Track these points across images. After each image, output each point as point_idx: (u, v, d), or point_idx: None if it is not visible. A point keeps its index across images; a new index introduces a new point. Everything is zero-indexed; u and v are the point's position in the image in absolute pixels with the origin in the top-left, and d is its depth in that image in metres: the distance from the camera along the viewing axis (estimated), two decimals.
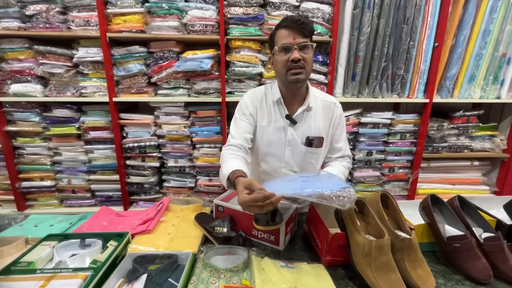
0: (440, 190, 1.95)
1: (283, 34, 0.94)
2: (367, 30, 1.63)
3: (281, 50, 0.95)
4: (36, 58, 1.58)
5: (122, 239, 0.85)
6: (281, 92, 1.05)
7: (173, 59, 1.61)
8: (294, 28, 0.92)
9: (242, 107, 1.08)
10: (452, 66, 1.75)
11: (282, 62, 0.95)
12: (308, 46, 0.94)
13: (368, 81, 1.74)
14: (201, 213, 1.02)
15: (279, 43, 0.95)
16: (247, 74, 1.65)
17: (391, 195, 0.84)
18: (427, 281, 0.69)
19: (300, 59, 0.92)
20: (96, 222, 1.02)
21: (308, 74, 0.99)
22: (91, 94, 1.64)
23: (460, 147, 1.89)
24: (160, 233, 0.91)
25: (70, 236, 0.87)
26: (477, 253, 0.75)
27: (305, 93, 1.06)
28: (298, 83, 0.98)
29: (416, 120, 1.83)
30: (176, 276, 0.72)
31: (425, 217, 0.88)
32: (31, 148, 1.69)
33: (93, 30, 1.54)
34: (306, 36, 0.94)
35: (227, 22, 1.58)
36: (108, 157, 1.74)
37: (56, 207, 1.81)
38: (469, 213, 0.89)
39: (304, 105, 1.04)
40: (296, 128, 1.05)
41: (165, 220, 0.99)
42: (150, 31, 1.56)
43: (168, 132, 1.71)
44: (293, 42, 0.92)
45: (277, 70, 1.00)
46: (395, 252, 0.73)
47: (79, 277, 0.68)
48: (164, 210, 1.05)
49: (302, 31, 0.92)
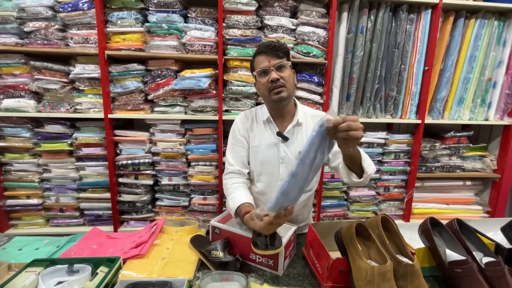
0: (434, 210, 1.95)
1: (260, 59, 1.01)
2: (361, 53, 1.69)
3: (260, 74, 1.01)
4: (32, 74, 1.57)
5: (113, 265, 0.80)
6: (270, 112, 1.08)
7: (171, 77, 1.62)
8: (268, 52, 0.99)
9: (235, 132, 1.13)
10: (442, 88, 1.81)
11: (264, 85, 1.01)
12: (284, 65, 1.00)
13: (362, 101, 1.79)
14: (197, 236, 0.99)
15: (257, 68, 1.02)
16: (244, 93, 1.66)
17: (391, 218, 0.83)
18: None
19: (278, 78, 0.98)
20: (85, 245, 0.97)
21: (290, 91, 1.03)
22: (86, 110, 1.62)
23: (453, 167, 1.92)
24: (153, 258, 0.87)
25: (57, 261, 0.82)
26: (479, 279, 0.74)
27: (294, 110, 1.10)
28: (282, 101, 1.02)
29: (409, 140, 1.87)
30: None
31: (425, 241, 0.87)
32: (19, 165, 1.63)
33: (91, 47, 1.54)
34: (281, 57, 1.00)
35: (225, 43, 1.62)
36: (100, 174, 1.69)
37: (42, 227, 1.72)
38: (468, 237, 0.89)
39: (294, 121, 1.07)
40: (288, 144, 1.08)
41: (159, 243, 0.95)
42: (149, 50, 1.58)
43: (163, 149, 1.69)
44: (269, 65, 0.99)
45: (261, 94, 1.06)
46: (398, 279, 0.71)
47: None
48: (158, 232, 1.01)
49: (276, 53, 0.99)
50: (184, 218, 1.74)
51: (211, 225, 0.98)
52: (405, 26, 1.70)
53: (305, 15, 1.63)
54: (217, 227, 0.96)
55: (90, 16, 1.52)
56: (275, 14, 1.62)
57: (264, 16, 1.62)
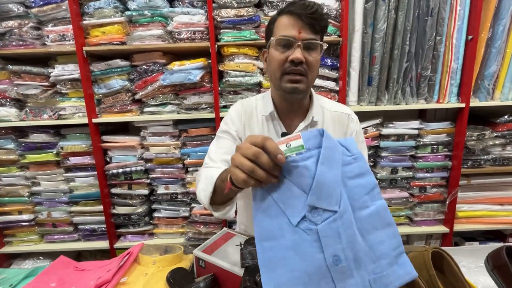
0: (485, 212, 1.60)
1: (285, 22, 0.69)
2: (383, 26, 1.38)
3: (279, 44, 0.70)
4: (11, 79, 1.44)
5: None
6: (275, 104, 0.80)
7: (159, 71, 1.42)
8: (301, 17, 0.67)
9: (227, 123, 0.84)
10: (491, 62, 1.45)
11: (279, 61, 0.70)
12: (317, 46, 0.70)
13: (387, 85, 1.47)
14: (177, 270, 0.76)
15: (279, 33, 0.70)
16: (244, 84, 1.42)
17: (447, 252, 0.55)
18: None
19: (302, 61, 0.68)
20: (44, 282, 0.78)
21: (310, 83, 0.74)
22: (70, 116, 1.47)
23: (507, 159, 1.55)
24: None
25: None
26: None
27: (308, 104, 0.81)
28: (295, 94, 0.73)
29: (449, 129, 1.52)
30: None
31: (500, 282, 0.58)
32: (6, 179, 1.52)
33: (69, 45, 1.38)
34: (317, 32, 0.70)
35: (217, 27, 1.38)
36: (91, 185, 1.53)
37: (37, 243, 1.61)
38: None
39: (307, 120, 0.79)
40: None
41: (127, 281, 0.74)
42: (132, 42, 1.38)
43: (157, 155, 1.49)
44: (297, 36, 0.68)
45: (270, 71, 0.76)
46: None
47: None
48: (130, 264, 0.80)
49: (312, 24, 0.68)
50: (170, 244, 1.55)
51: (194, 255, 0.75)
52: None
53: None
54: (202, 259, 0.73)
55: (65, 10, 1.34)
56: None
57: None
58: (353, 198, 0.41)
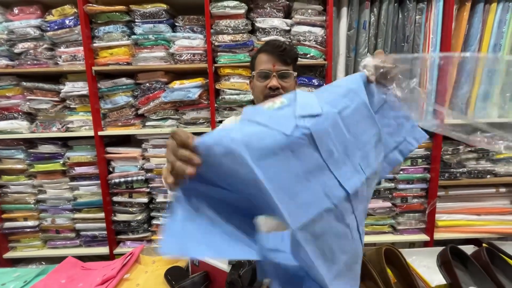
0: (463, 222, 1.71)
1: (263, 59, 0.87)
2: (365, 50, 1.53)
3: (260, 76, 0.87)
4: (24, 95, 1.56)
5: None
6: None
7: (160, 89, 1.55)
8: (274, 54, 0.85)
9: None
10: (462, 84, 1.60)
11: (260, 89, 0.87)
12: (289, 74, 0.86)
13: None
14: (174, 268, 0.87)
15: (258, 68, 0.88)
16: (238, 101, 1.55)
17: (398, 249, 0.66)
18: None
19: (278, 87, 0.84)
20: (54, 279, 0.88)
21: None
22: (77, 129, 1.59)
23: (482, 172, 1.68)
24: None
25: None
26: None
27: None
28: None
29: (427, 144, 1.65)
30: None
31: (446, 276, 0.69)
32: (15, 187, 1.62)
33: (79, 64, 1.51)
34: (288, 64, 0.86)
35: (215, 50, 1.53)
36: (94, 193, 1.63)
37: (40, 249, 1.69)
38: (502, 269, 0.70)
39: None
40: None
41: (130, 277, 0.85)
42: (137, 63, 1.52)
43: (157, 165, 1.60)
44: (272, 69, 0.85)
45: (255, 96, 0.93)
46: None
47: None
48: (132, 263, 0.91)
49: (283, 58, 0.85)
50: None
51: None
52: (413, 17, 1.52)
53: (300, 14, 1.51)
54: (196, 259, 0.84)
55: (77, 33, 1.49)
56: (266, 16, 1.51)
57: (255, 18, 1.52)
58: (334, 104, 0.47)
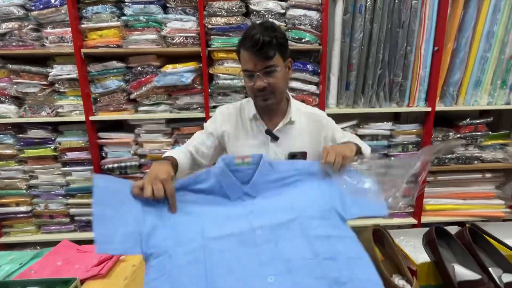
0: (449, 206, 1.77)
1: (244, 57, 0.83)
2: (360, 36, 1.52)
3: (245, 75, 0.85)
4: (10, 78, 1.51)
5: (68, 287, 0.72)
6: (257, 108, 0.94)
7: (153, 73, 1.52)
8: (254, 52, 0.79)
9: (211, 121, 1.00)
10: (455, 71, 1.61)
11: (249, 88, 0.87)
12: (274, 70, 0.82)
13: (363, 90, 1.62)
14: None
15: (243, 67, 0.85)
16: (232, 87, 1.54)
17: (386, 230, 0.69)
18: None
19: (265, 86, 0.82)
20: (50, 261, 0.89)
21: (279, 96, 0.89)
22: (68, 113, 1.55)
23: (469, 158, 1.73)
24: (114, 277, 0.78)
25: (10, 284, 0.75)
26: None
27: (286, 106, 0.95)
28: (268, 108, 0.89)
29: (418, 131, 1.68)
30: None
31: (430, 254, 0.73)
32: (5, 172, 1.59)
33: (67, 46, 1.46)
34: (271, 57, 0.81)
35: (208, 33, 1.49)
36: (87, 179, 1.62)
37: (34, 234, 1.69)
38: (483, 247, 0.74)
39: (285, 120, 0.93)
40: (279, 144, 0.94)
41: (126, 258, 0.86)
42: (128, 46, 1.48)
43: (150, 151, 1.60)
44: (254, 69, 0.81)
45: (248, 92, 0.92)
46: None
47: None
48: None
49: (264, 55, 0.79)
50: None
51: None
52: (410, 2, 1.50)
53: None
54: None
55: (64, 13, 1.42)
56: None
57: (249, 0, 1.48)
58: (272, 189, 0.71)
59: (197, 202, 0.67)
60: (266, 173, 0.71)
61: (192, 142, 0.97)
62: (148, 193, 0.62)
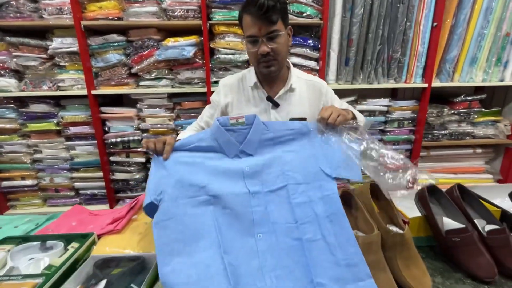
0: (441, 180, 1.85)
1: (248, 22, 0.84)
2: (360, 11, 1.52)
3: (249, 42, 0.87)
4: (9, 51, 1.50)
5: (85, 241, 0.77)
6: (259, 77, 0.97)
7: (153, 47, 1.52)
8: (258, 16, 0.81)
9: (215, 94, 1.05)
10: (452, 47, 1.64)
11: (252, 55, 0.89)
12: (278, 35, 0.84)
13: (362, 66, 1.64)
14: None
15: (246, 33, 0.87)
16: (233, 62, 1.55)
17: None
18: (422, 281, 0.61)
19: (269, 52, 0.84)
20: (65, 222, 0.94)
21: (282, 62, 0.92)
22: (69, 88, 1.56)
23: (462, 134, 1.79)
24: (130, 233, 0.83)
25: (30, 238, 0.80)
26: (479, 248, 0.67)
27: (286, 74, 0.99)
28: (271, 74, 0.92)
29: (414, 107, 1.73)
30: (140, 280, 0.65)
31: (421, 209, 0.79)
32: (9, 146, 1.61)
33: (67, 18, 1.44)
34: (274, 22, 0.82)
35: (209, 6, 1.48)
36: (91, 153, 1.66)
37: (40, 207, 1.74)
38: (470, 204, 0.81)
39: (286, 87, 0.97)
40: (279, 111, 0.98)
41: (138, 218, 0.91)
42: (128, 18, 1.46)
43: (152, 125, 1.62)
44: (258, 34, 0.83)
45: (250, 60, 0.96)
46: (386, 250, 0.64)
47: (26, 286, 0.60)
48: (138, 208, 0.97)
49: (268, 19, 0.81)
50: None
51: None
52: None
53: None
54: None
55: None
56: None
57: None
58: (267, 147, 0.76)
59: (198, 157, 0.74)
60: (261, 132, 0.75)
61: (202, 117, 1.05)
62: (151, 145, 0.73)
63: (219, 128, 0.74)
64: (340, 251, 0.60)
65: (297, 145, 0.75)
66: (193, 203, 0.67)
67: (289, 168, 0.72)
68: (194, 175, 0.70)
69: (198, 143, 0.74)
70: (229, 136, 0.74)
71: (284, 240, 0.64)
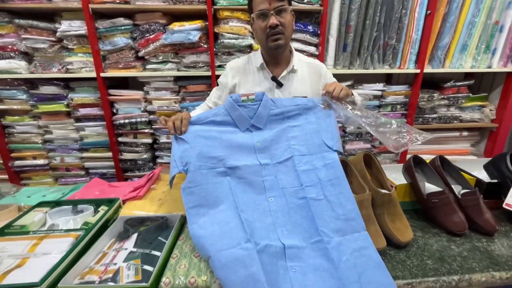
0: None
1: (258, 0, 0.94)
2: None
3: (259, 17, 0.96)
4: (18, 33, 1.53)
5: (113, 204, 0.87)
6: (264, 58, 1.06)
7: (160, 31, 1.57)
8: None
9: (222, 76, 1.13)
10: (445, 35, 1.73)
11: (261, 29, 0.97)
12: (286, 9, 0.95)
13: (359, 52, 1.72)
14: None
15: (256, 9, 0.95)
16: (237, 46, 1.61)
17: (374, 155, 0.86)
18: (405, 233, 0.73)
19: (277, 24, 0.93)
20: (89, 192, 1.04)
21: (288, 38, 1.01)
22: (78, 70, 1.61)
23: (450, 118, 1.91)
24: (151, 199, 0.94)
25: (62, 203, 0.90)
26: (454, 208, 0.79)
27: (289, 56, 1.08)
28: (279, 49, 1.00)
29: (407, 91, 1.83)
30: (165, 235, 0.75)
31: (407, 177, 0.91)
32: (20, 127, 1.68)
33: (75, 1, 1.48)
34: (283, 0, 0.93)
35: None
36: (100, 134, 1.73)
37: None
38: (449, 172, 0.93)
39: (289, 68, 1.06)
40: (283, 90, 1.07)
41: (156, 188, 1.02)
42: (135, 2, 1.51)
43: (159, 107, 1.70)
44: (269, 8, 0.93)
45: (257, 38, 1.02)
46: (376, 207, 0.76)
47: (71, 236, 0.71)
48: (155, 179, 1.07)
49: None
50: None
51: None
52: None
53: None
54: None
55: None
56: None
57: None
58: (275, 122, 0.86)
59: (214, 132, 0.83)
60: (269, 107, 0.85)
61: (210, 98, 1.15)
62: (170, 125, 0.82)
63: (232, 104, 0.83)
64: (340, 208, 0.71)
65: (303, 119, 0.85)
66: (213, 174, 0.77)
67: (295, 142, 0.83)
68: (213, 149, 0.79)
69: (213, 117, 0.84)
70: (241, 111, 0.83)
71: (292, 200, 0.75)
